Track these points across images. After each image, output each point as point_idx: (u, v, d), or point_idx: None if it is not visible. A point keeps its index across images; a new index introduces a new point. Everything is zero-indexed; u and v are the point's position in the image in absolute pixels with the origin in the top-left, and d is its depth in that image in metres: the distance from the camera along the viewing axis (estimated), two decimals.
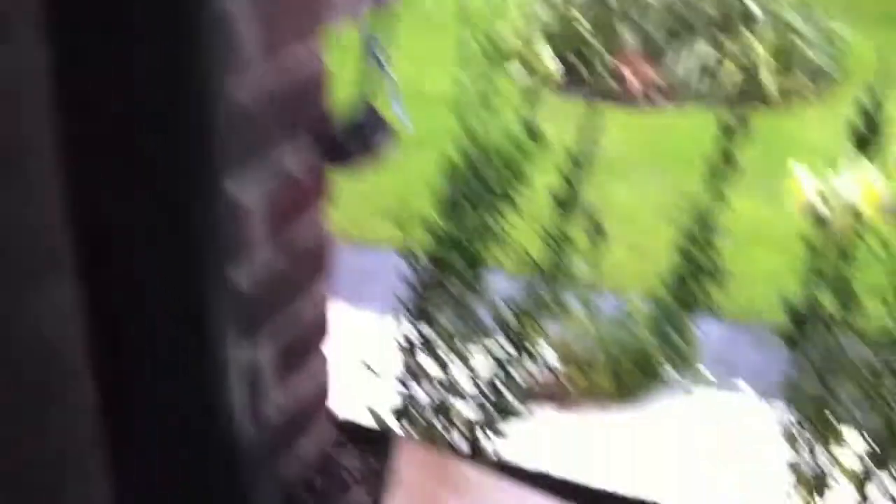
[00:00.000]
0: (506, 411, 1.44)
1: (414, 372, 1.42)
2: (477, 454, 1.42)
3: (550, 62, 4.11)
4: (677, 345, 1.78)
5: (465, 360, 1.42)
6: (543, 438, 1.61)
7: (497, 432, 1.44)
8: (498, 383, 1.43)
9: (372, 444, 1.52)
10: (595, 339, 1.80)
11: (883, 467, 1.30)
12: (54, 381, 0.93)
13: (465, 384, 1.44)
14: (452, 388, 1.43)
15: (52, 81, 0.81)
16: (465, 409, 1.44)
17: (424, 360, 1.42)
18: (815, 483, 1.33)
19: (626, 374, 1.77)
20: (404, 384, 1.42)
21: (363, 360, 1.39)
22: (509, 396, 1.45)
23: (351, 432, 1.63)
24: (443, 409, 1.43)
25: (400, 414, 1.43)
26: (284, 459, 1.53)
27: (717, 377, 2.29)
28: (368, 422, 1.48)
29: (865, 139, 1.21)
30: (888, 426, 1.27)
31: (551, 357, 1.84)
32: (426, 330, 1.40)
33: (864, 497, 1.32)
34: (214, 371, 0.98)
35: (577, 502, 1.37)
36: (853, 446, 1.31)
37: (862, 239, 1.19)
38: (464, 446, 1.43)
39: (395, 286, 1.39)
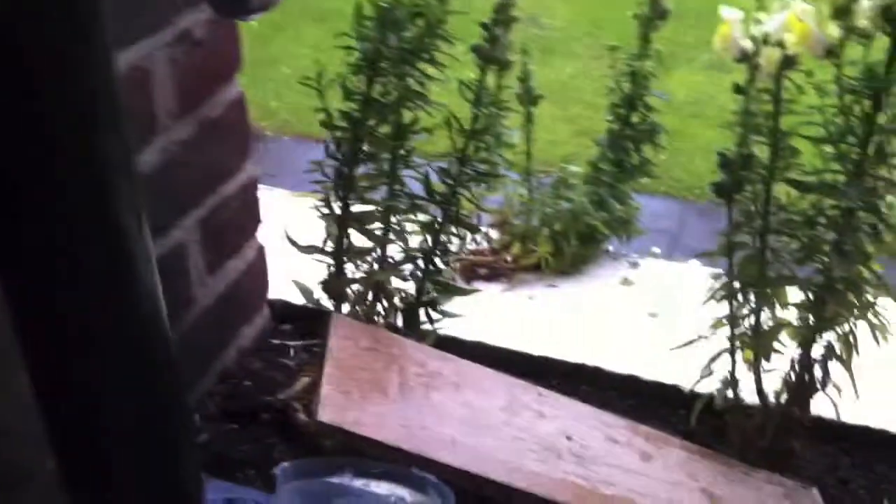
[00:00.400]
0: (444, 287, 1.42)
1: (347, 249, 1.38)
2: (414, 330, 1.39)
3: None
4: (618, 213, 1.76)
5: (399, 234, 1.38)
6: (484, 313, 1.59)
7: (435, 309, 1.42)
8: (434, 258, 1.39)
9: (312, 325, 1.49)
10: (535, 211, 1.77)
11: (824, 324, 1.29)
12: None
13: (401, 261, 1.40)
14: (387, 264, 1.39)
15: None
16: (402, 286, 1.41)
17: (357, 237, 1.38)
18: (758, 345, 1.33)
19: (568, 247, 1.75)
20: (337, 263, 1.38)
21: (290, 237, 1.34)
22: (447, 272, 1.42)
23: (291, 315, 1.61)
24: (379, 287, 1.40)
25: (335, 293, 1.39)
26: (223, 347, 1.51)
27: (662, 249, 2.30)
28: (306, 304, 1.45)
29: None
30: (827, 280, 1.26)
31: (491, 232, 1.81)
32: (357, 205, 1.35)
33: (808, 356, 1.31)
34: (129, 258, 0.89)
35: (518, 370, 1.36)
36: (794, 306, 1.30)
37: (793, 81, 1.15)
38: (401, 323, 1.41)
39: None
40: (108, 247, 0.85)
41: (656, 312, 1.66)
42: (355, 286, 1.39)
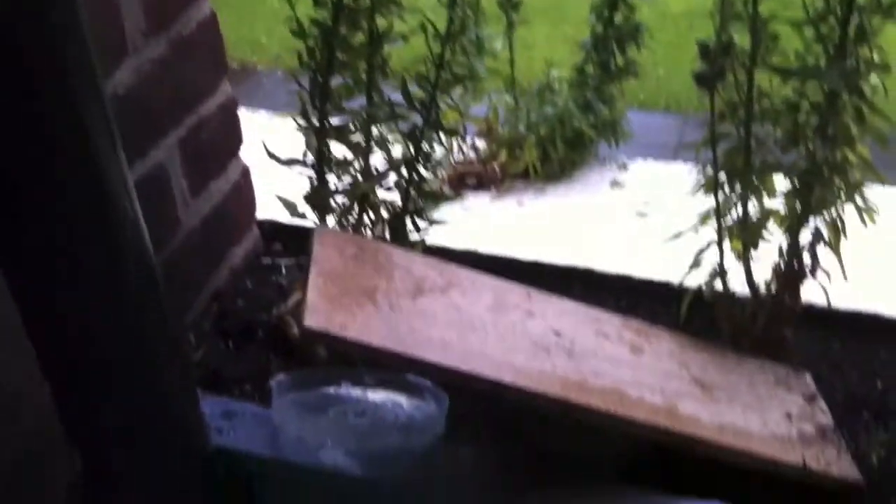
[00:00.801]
0: (429, 195, 1.41)
1: (329, 161, 1.37)
2: (402, 240, 1.39)
3: None
4: (604, 116, 1.75)
5: (380, 144, 1.37)
6: (473, 222, 1.59)
7: (421, 217, 1.41)
8: (418, 167, 1.39)
9: (302, 243, 1.49)
10: (520, 118, 1.75)
11: (811, 210, 1.29)
12: None
13: (385, 171, 1.39)
14: (371, 174, 1.38)
15: None
16: (387, 197, 1.41)
17: (338, 148, 1.37)
18: (746, 234, 1.32)
19: (555, 152, 1.74)
20: (319, 174, 1.37)
21: (269, 151, 1.33)
22: (432, 181, 1.41)
23: (281, 234, 1.61)
24: (364, 198, 1.39)
25: (319, 205, 1.39)
26: (214, 267, 1.51)
27: (657, 156, 2.28)
28: (293, 221, 1.45)
29: None
30: (812, 165, 1.26)
31: (478, 142, 1.80)
32: (336, 116, 1.34)
33: (796, 243, 1.31)
34: (128, 255, 0.87)
35: (509, 276, 1.36)
36: (781, 192, 1.30)
37: None
38: (388, 235, 1.40)
39: None
40: (107, 247, 0.85)
41: (645, 212, 1.66)
42: (341, 199, 1.39)
